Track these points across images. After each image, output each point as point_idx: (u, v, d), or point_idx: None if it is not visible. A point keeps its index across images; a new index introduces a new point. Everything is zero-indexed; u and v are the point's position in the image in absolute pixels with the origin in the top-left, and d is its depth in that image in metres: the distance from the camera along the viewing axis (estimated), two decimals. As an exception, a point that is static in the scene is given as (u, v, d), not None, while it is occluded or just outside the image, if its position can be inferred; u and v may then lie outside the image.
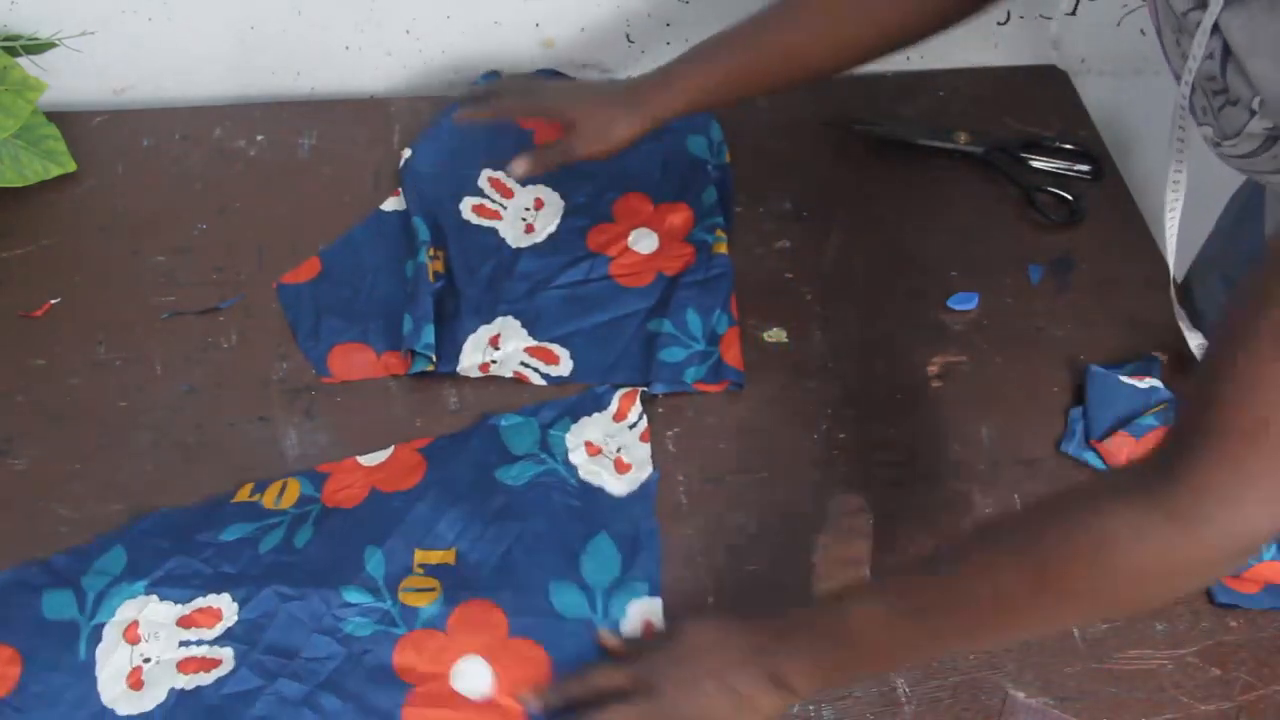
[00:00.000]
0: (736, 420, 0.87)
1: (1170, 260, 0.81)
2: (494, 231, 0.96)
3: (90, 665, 0.71)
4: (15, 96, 0.92)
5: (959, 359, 0.91)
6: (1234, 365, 0.52)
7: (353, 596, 0.74)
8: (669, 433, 0.86)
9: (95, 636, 0.72)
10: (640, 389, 0.86)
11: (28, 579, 0.74)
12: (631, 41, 1.11)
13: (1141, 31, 1.16)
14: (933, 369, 0.91)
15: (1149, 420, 0.84)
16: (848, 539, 0.78)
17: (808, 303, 0.95)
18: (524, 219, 0.98)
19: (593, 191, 1.00)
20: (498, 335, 0.89)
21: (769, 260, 0.97)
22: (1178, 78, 0.63)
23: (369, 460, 0.81)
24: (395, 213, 0.98)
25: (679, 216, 0.97)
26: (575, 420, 0.84)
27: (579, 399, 0.86)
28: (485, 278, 0.93)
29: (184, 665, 0.71)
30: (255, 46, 1.07)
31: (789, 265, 0.97)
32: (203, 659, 0.71)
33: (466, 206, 0.98)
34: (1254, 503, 0.53)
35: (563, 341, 0.90)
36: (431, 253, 0.93)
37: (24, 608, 0.73)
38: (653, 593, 0.76)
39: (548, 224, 0.97)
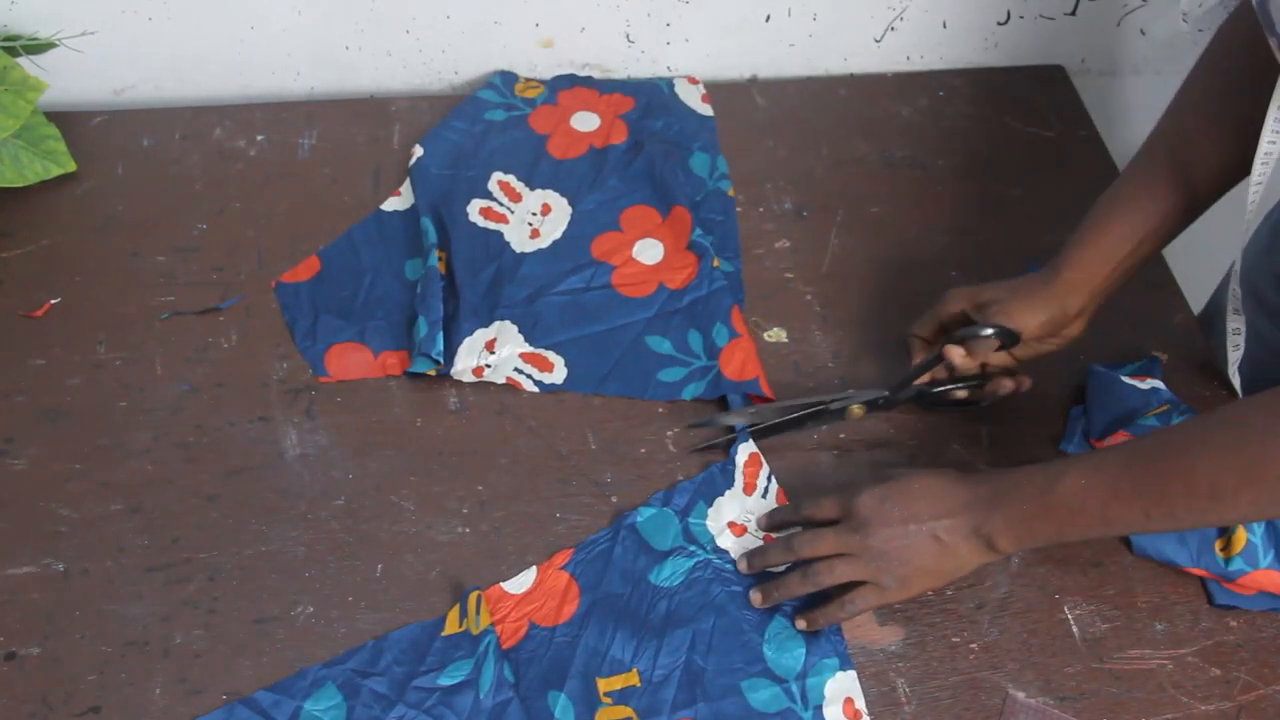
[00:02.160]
0: (736, 420, 0.87)
1: (1247, 234, 0.80)
2: (499, 235, 0.96)
3: None
4: (15, 96, 0.92)
5: (959, 359, 0.91)
6: None
7: None
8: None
9: None
10: (761, 456, 0.84)
11: None
12: (631, 41, 1.11)
13: (1141, 31, 1.16)
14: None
15: (1150, 421, 0.84)
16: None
17: (808, 303, 0.95)
18: (530, 224, 0.97)
19: (601, 199, 0.99)
20: (494, 339, 0.89)
21: (769, 260, 0.97)
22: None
23: (515, 587, 0.78)
24: (396, 213, 0.98)
25: (682, 218, 0.97)
26: (710, 503, 0.82)
27: (705, 478, 0.83)
28: (486, 281, 0.93)
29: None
30: (255, 46, 1.07)
31: (789, 265, 0.97)
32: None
33: (474, 209, 0.98)
34: None
35: (558, 349, 0.90)
36: (438, 254, 0.93)
37: None
38: (844, 666, 0.75)
39: (554, 230, 0.97)
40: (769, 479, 0.83)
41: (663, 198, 0.99)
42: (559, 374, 0.88)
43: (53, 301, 0.91)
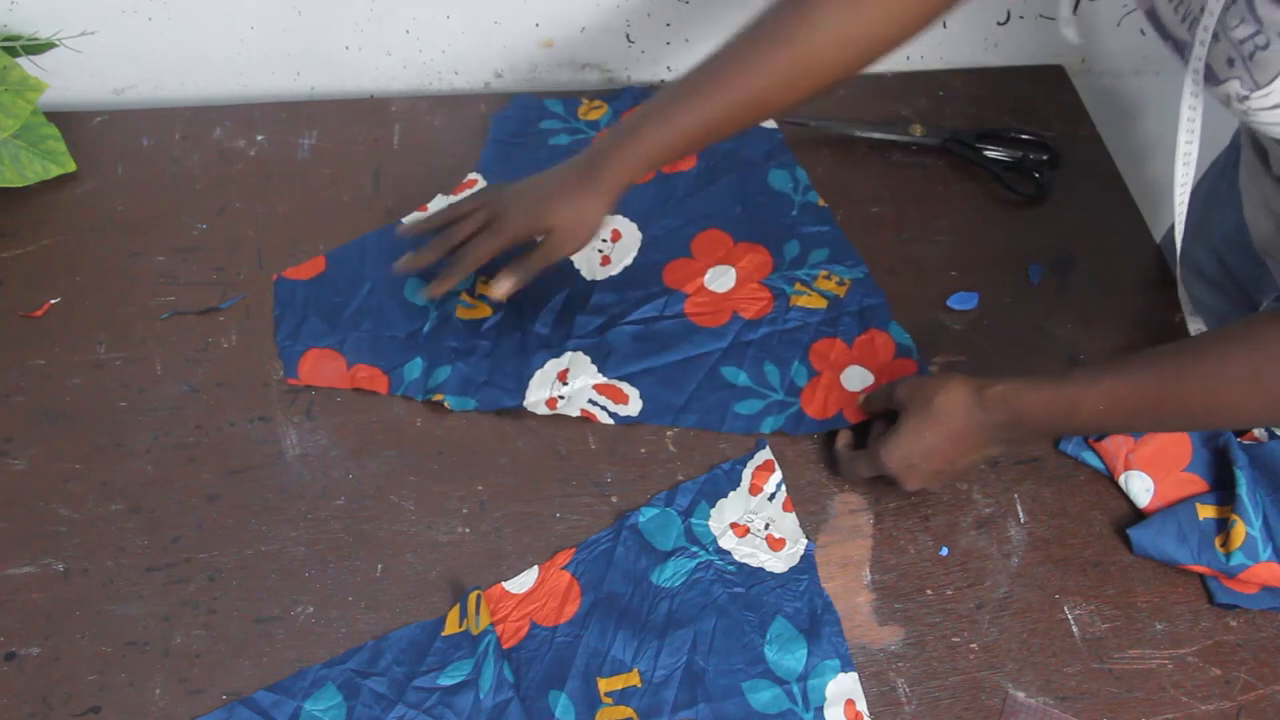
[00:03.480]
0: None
1: (1179, 239, 0.81)
2: (568, 262, 0.94)
3: None
4: (15, 96, 0.92)
5: (959, 359, 0.91)
6: None
7: None
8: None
9: None
10: (775, 463, 0.84)
11: None
12: (631, 41, 1.11)
13: (1141, 31, 1.16)
14: (933, 369, 0.91)
15: (1149, 420, 0.84)
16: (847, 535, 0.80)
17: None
18: (600, 250, 0.95)
19: (672, 225, 0.97)
20: (566, 370, 0.87)
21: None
22: (1181, 50, 0.62)
23: (516, 587, 0.78)
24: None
25: (757, 258, 0.95)
26: (713, 504, 0.82)
27: (708, 479, 0.83)
28: (556, 309, 0.91)
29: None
30: (255, 46, 1.07)
31: (789, 265, 0.97)
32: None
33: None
34: None
35: (632, 380, 0.88)
36: (484, 280, 0.91)
37: None
38: (845, 668, 0.75)
39: (624, 257, 0.95)
40: (778, 485, 0.83)
41: (740, 223, 0.98)
42: (634, 406, 0.86)
43: (52, 301, 0.91)
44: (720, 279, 0.94)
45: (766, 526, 0.81)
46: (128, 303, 0.91)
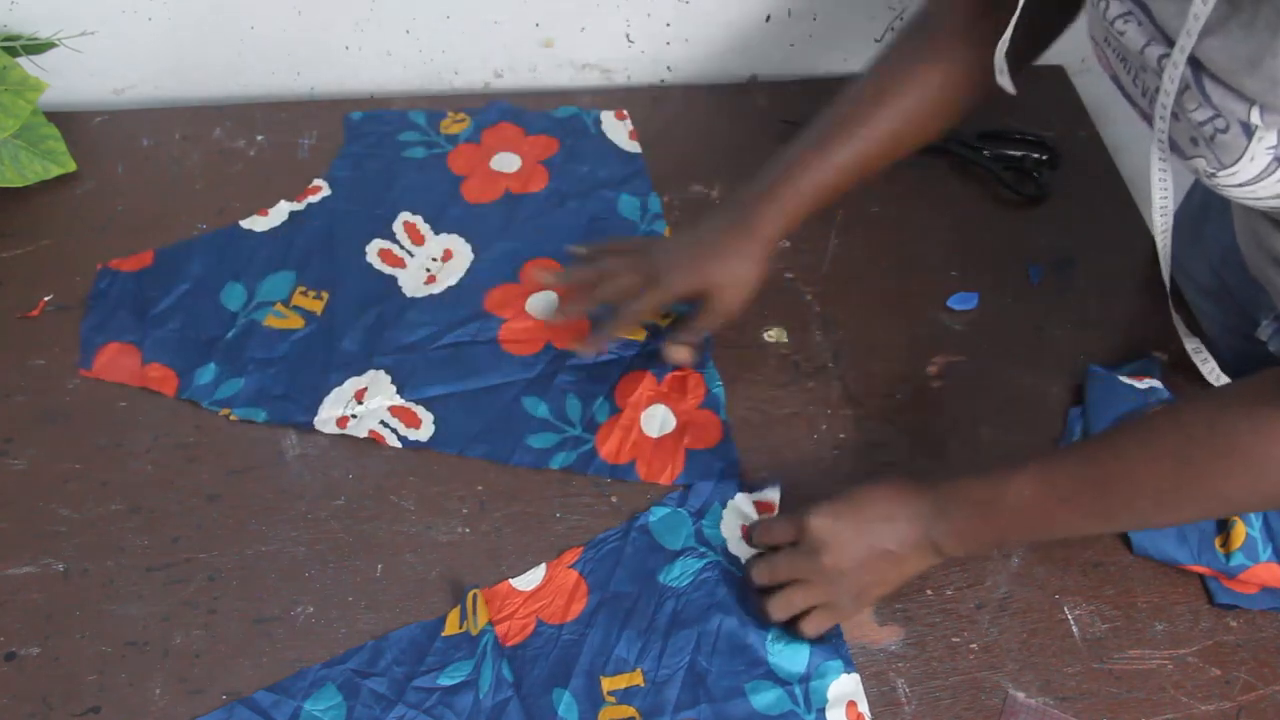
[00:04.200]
0: (735, 419, 0.87)
1: (1165, 276, 0.81)
2: (393, 279, 0.93)
3: None
4: (15, 96, 0.92)
5: (959, 359, 0.91)
6: None
7: None
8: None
9: None
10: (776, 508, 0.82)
11: None
12: (631, 42, 1.11)
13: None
14: (933, 369, 0.91)
15: (1149, 420, 0.84)
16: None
17: (808, 303, 0.95)
18: (428, 269, 0.94)
19: (508, 249, 0.95)
20: (364, 389, 0.86)
21: (769, 260, 0.97)
22: (1147, 119, 0.62)
23: (524, 584, 0.78)
24: (250, 232, 0.95)
25: None
26: (724, 505, 0.81)
27: (721, 482, 0.83)
28: (367, 325, 0.89)
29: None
30: (255, 46, 1.07)
31: (789, 265, 0.97)
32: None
33: (373, 249, 0.94)
34: None
35: (430, 404, 0.86)
36: (303, 291, 0.91)
37: None
38: (847, 669, 0.75)
39: (450, 277, 0.93)
40: (778, 492, 0.82)
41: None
42: (425, 431, 0.84)
43: (46, 299, 0.91)
44: (543, 304, 0.91)
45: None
46: (128, 303, 0.91)
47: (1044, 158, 1.05)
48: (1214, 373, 0.88)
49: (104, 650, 0.74)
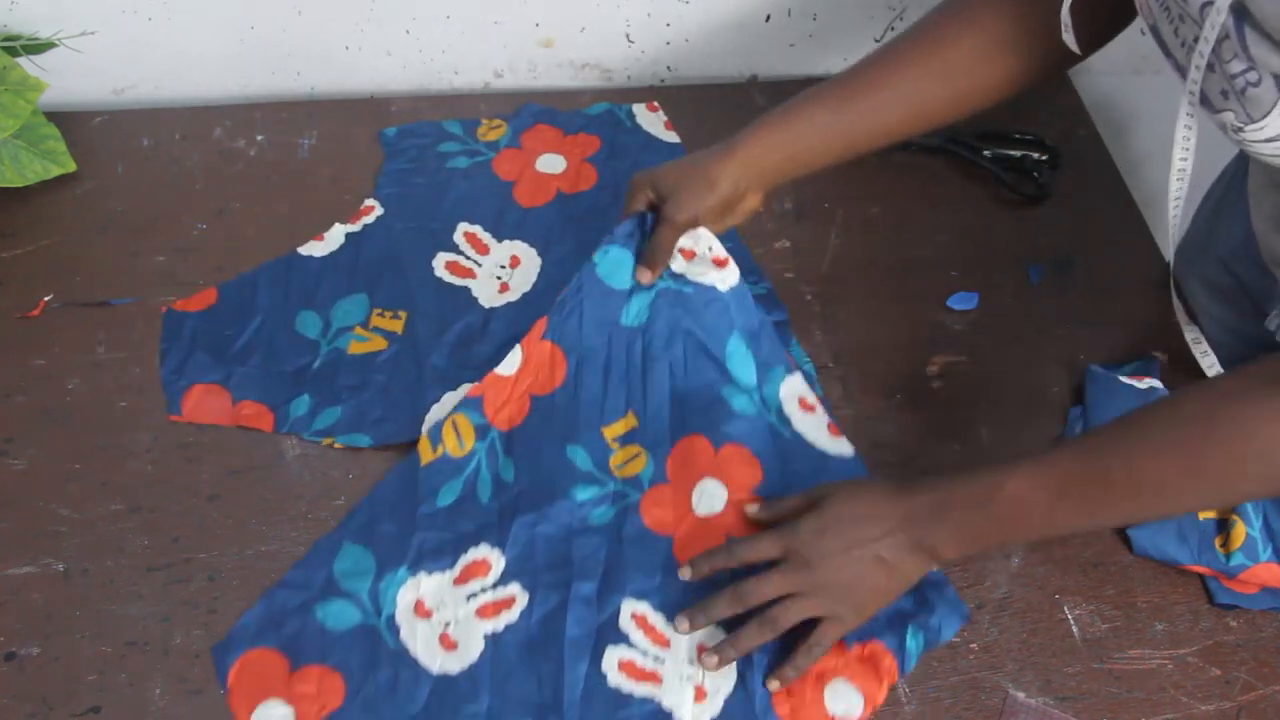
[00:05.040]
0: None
1: (1170, 254, 0.81)
2: (466, 290, 0.93)
3: (403, 651, 0.74)
4: (15, 96, 0.92)
5: (959, 359, 0.91)
6: None
7: (583, 494, 0.79)
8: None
9: (392, 628, 0.74)
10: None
11: (284, 605, 0.75)
12: (631, 41, 1.11)
13: (1141, 31, 1.16)
14: (933, 369, 0.91)
15: (1149, 420, 0.84)
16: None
17: (808, 303, 0.95)
18: (499, 277, 0.94)
19: (571, 249, 0.96)
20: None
21: (769, 260, 0.97)
22: (1181, 71, 0.62)
23: (506, 369, 0.83)
24: (311, 258, 0.94)
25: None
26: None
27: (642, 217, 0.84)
28: (452, 340, 0.89)
29: (482, 612, 0.75)
30: (255, 46, 1.07)
31: (789, 265, 0.97)
32: (496, 602, 0.75)
33: (439, 263, 0.94)
34: None
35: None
36: (380, 312, 0.90)
37: (307, 629, 0.74)
38: (788, 373, 0.83)
39: (523, 283, 0.94)
40: (709, 246, 0.83)
41: (641, 246, 0.94)
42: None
43: (47, 299, 0.91)
44: None
45: (710, 249, 0.83)
46: (128, 303, 0.91)
47: (1044, 158, 1.05)
48: (1213, 367, 0.88)
49: (104, 650, 0.74)
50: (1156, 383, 0.87)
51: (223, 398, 0.85)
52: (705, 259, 0.83)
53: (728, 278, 0.83)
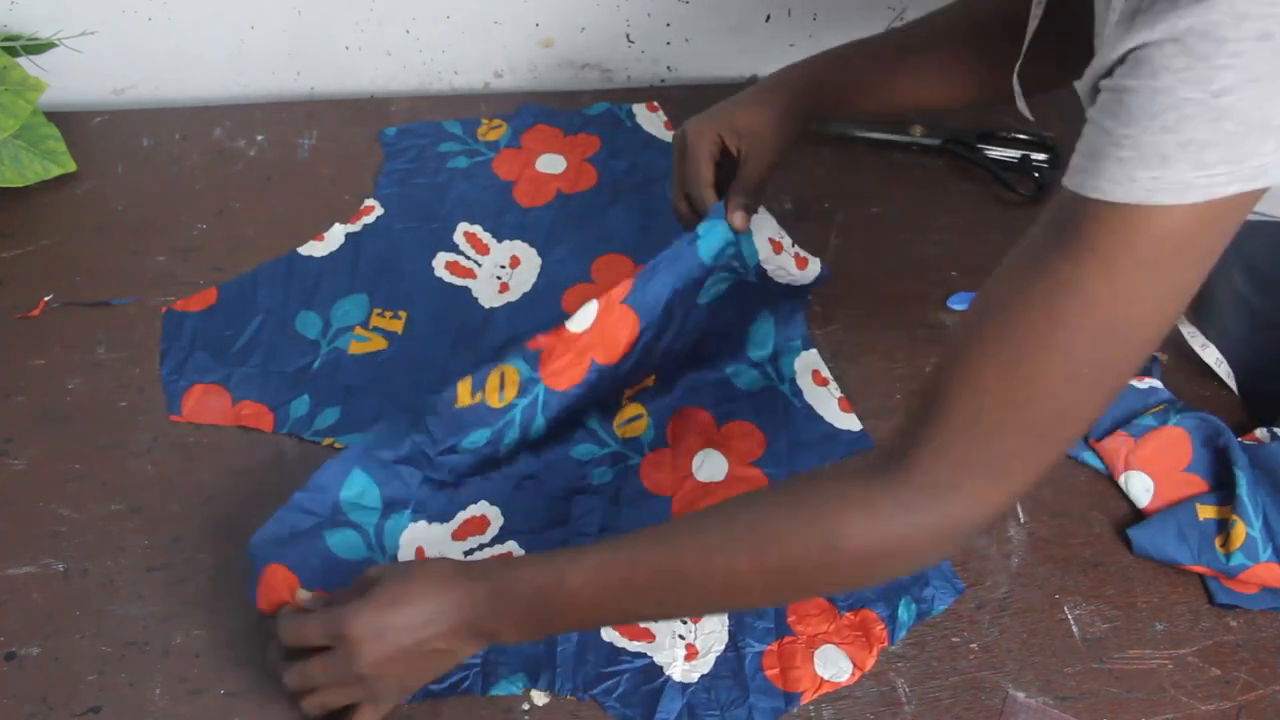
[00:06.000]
0: (736, 420, 0.87)
1: None
2: (466, 290, 0.93)
3: None
4: (15, 96, 0.92)
5: (959, 359, 0.91)
6: (959, 356, 0.57)
7: (583, 453, 0.82)
8: (669, 433, 0.86)
9: None
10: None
11: (294, 526, 0.75)
12: (631, 42, 1.12)
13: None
14: (929, 369, 0.90)
15: (1148, 420, 0.84)
16: None
17: (808, 303, 0.94)
18: (499, 277, 0.94)
19: (571, 248, 0.96)
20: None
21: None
22: None
23: (577, 325, 0.77)
24: (310, 258, 0.94)
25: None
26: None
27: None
28: (452, 340, 0.89)
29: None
30: (255, 46, 1.07)
31: (789, 265, 0.97)
32: (492, 558, 0.74)
33: (440, 263, 0.95)
34: (974, 489, 0.57)
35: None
36: (380, 312, 0.90)
37: (314, 552, 0.74)
38: (806, 346, 0.89)
39: (523, 283, 0.94)
40: (792, 244, 0.87)
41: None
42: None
43: (47, 299, 0.91)
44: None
45: (794, 244, 0.87)
46: (128, 303, 0.91)
47: (1044, 158, 1.05)
48: (1220, 364, 0.88)
49: (104, 650, 0.74)
50: (1157, 383, 0.87)
51: (223, 398, 0.85)
52: (790, 253, 0.86)
53: (808, 276, 0.86)
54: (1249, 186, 0.50)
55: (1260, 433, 0.83)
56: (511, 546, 0.78)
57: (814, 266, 0.87)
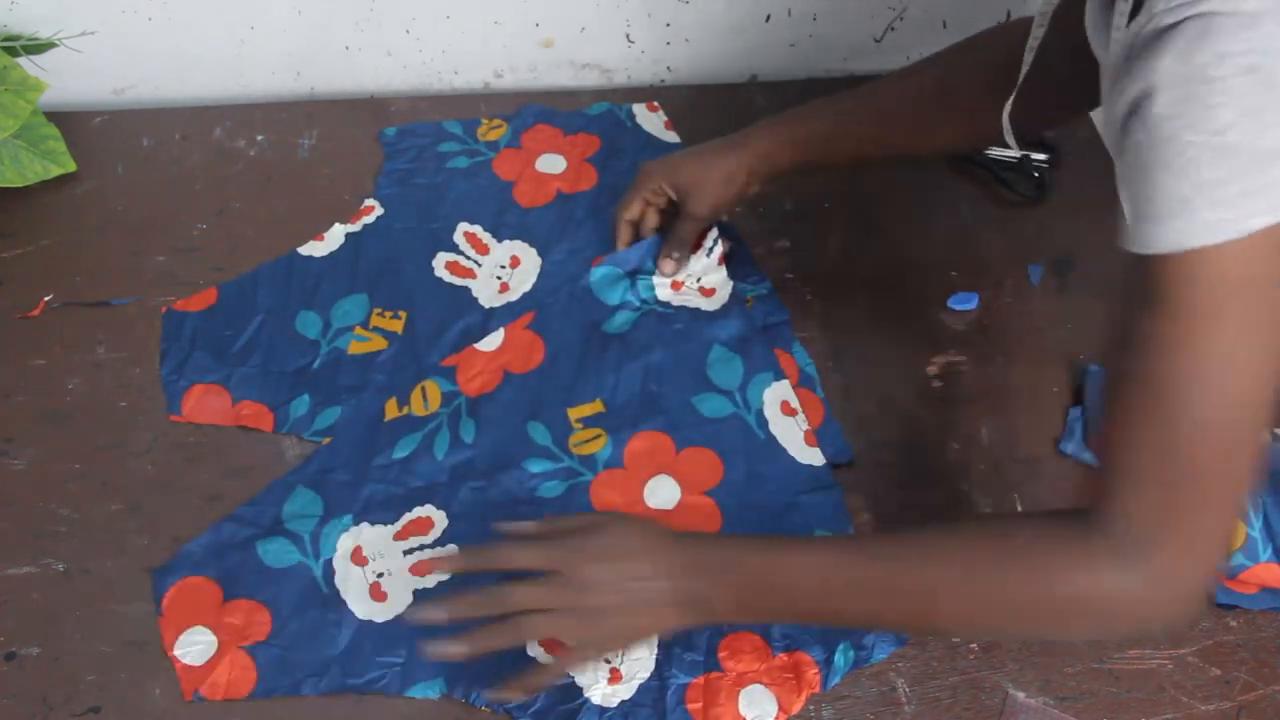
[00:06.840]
0: (736, 420, 0.87)
1: None
2: (466, 290, 0.93)
3: (336, 594, 0.76)
4: (15, 96, 0.92)
5: (959, 359, 0.91)
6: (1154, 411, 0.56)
7: (536, 467, 0.82)
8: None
9: (329, 571, 0.76)
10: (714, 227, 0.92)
11: (229, 538, 0.77)
12: (631, 42, 1.12)
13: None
14: (933, 369, 0.91)
15: (1149, 420, 0.84)
16: None
17: (808, 303, 0.95)
18: (499, 277, 0.94)
19: (571, 249, 0.96)
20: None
21: (769, 260, 0.97)
22: None
23: (486, 346, 0.88)
24: (310, 258, 0.94)
25: None
26: (654, 262, 0.92)
27: (653, 242, 0.92)
28: (452, 340, 0.89)
29: (416, 569, 0.77)
30: (255, 46, 1.07)
31: (789, 265, 0.97)
32: (433, 560, 0.74)
33: (439, 263, 0.95)
34: (1193, 552, 0.57)
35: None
36: (380, 312, 0.90)
37: (246, 563, 0.76)
38: (777, 378, 0.87)
39: (523, 283, 0.94)
40: (715, 240, 0.92)
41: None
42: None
43: (47, 299, 0.91)
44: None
45: (698, 281, 0.92)
46: (128, 303, 0.91)
47: (1044, 158, 1.05)
48: None
49: (104, 650, 0.74)
50: (1156, 383, 0.87)
51: (223, 397, 0.85)
52: (692, 291, 0.91)
53: (716, 301, 0.91)
54: (1278, 215, 0.51)
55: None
56: (452, 551, 0.77)
57: (724, 291, 0.92)
